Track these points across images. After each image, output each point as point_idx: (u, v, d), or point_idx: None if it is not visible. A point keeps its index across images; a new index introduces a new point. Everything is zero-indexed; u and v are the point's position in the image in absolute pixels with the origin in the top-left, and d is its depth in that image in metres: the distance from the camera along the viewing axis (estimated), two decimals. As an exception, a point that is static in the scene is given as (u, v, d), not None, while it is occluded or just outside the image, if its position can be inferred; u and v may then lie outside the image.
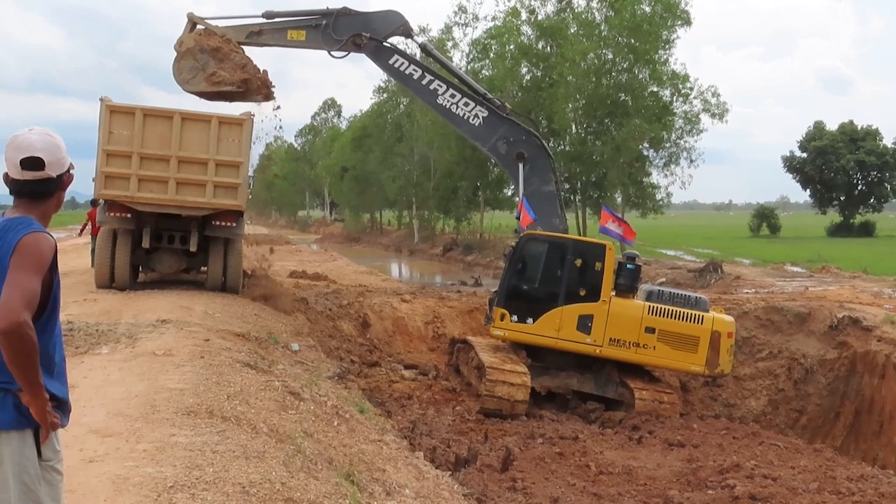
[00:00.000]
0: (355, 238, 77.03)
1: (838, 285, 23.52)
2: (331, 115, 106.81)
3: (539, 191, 15.70)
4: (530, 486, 9.84)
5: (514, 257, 15.09)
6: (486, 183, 53.47)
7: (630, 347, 14.53)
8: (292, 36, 16.36)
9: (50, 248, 3.33)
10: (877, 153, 71.81)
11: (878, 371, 16.31)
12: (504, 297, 14.98)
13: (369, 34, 16.09)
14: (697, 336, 14.51)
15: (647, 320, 14.51)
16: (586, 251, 14.98)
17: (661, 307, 14.69)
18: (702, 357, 14.53)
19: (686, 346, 14.54)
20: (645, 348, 14.51)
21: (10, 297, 3.16)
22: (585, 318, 14.60)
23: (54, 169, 3.39)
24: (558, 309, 14.68)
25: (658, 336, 14.50)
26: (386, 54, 16.35)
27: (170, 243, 15.72)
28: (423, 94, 16.44)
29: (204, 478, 5.11)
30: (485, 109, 15.91)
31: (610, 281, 14.69)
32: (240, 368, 8.91)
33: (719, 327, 14.61)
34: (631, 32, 36.18)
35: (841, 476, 10.68)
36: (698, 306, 14.85)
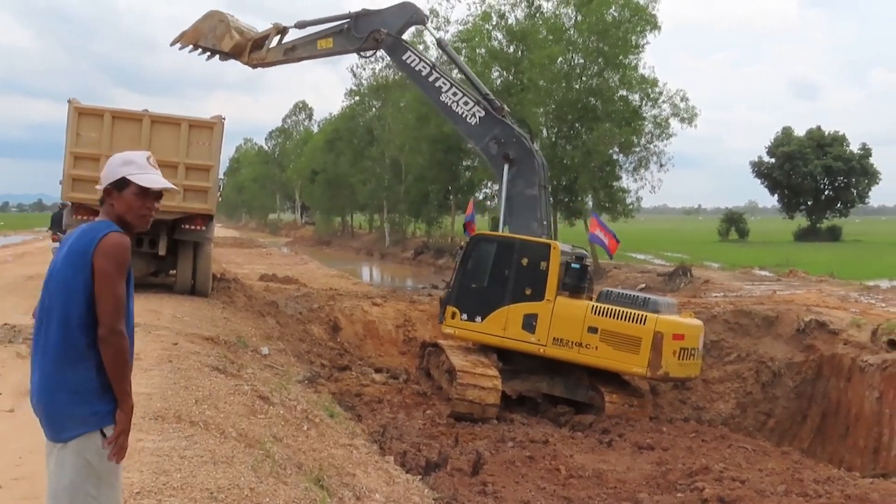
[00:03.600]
0: (326, 241, 76.81)
1: (805, 289, 23.77)
2: (302, 118, 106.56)
3: (522, 193, 15.78)
4: (501, 490, 9.84)
5: (464, 257, 15.47)
6: (457, 186, 53.54)
7: (573, 347, 14.40)
8: (321, 45, 17.33)
9: (127, 248, 3.53)
10: (843, 159, 72.71)
11: (844, 374, 16.49)
12: (455, 296, 15.32)
13: (386, 30, 16.75)
14: (639, 337, 14.04)
15: (589, 320, 14.29)
16: (532, 251, 15.04)
17: (605, 307, 14.45)
18: (643, 358, 14.01)
19: (628, 347, 14.12)
20: (587, 348, 14.29)
21: (106, 306, 3.42)
22: (530, 317, 14.68)
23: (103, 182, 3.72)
24: (505, 308, 14.83)
25: (601, 336, 14.21)
26: (400, 50, 17.02)
27: (138, 247, 15.57)
28: (428, 90, 16.84)
29: (171, 483, 5.06)
30: (482, 109, 16.08)
31: (555, 280, 14.67)
32: (208, 372, 8.85)
33: (663, 328, 14.06)
34: (600, 37, 36.38)
35: (808, 478, 10.78)
36: (646, 307, 14.43)
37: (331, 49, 17.37)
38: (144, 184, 3.68)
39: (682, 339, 14.23)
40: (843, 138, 74.98)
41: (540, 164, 15.81)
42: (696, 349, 14.71)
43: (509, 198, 15.89)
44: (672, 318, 14.64)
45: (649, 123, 37.82)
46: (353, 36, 16.98)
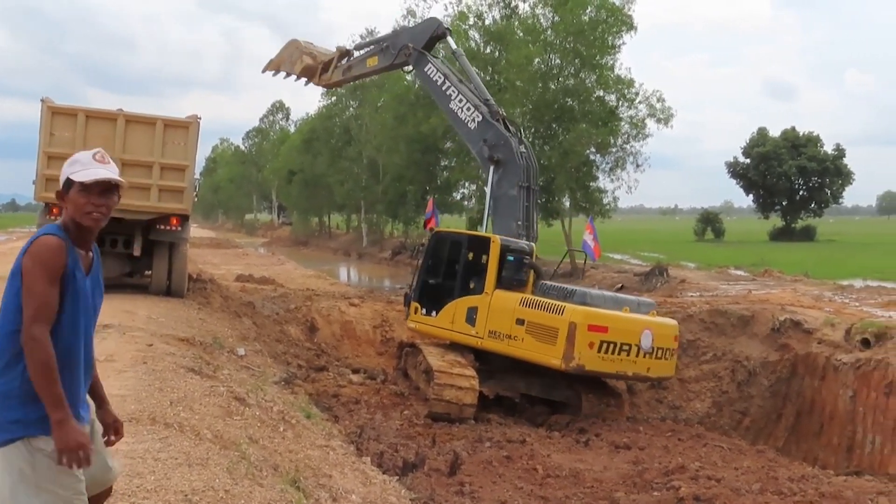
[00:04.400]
0: (303, 241, 76.63)
1: (780, 289, 23.96)
2: (279, 118, 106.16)
3: (505, 194, 16.02)
4: (478, 490, 9.84)
5: (425, 254, 16.17)
6: (434, 187, 53.54)
7: (504, 339, 14.43)
8: (369, 63, 19.06)
9: (55, 249, 3.39)
10: (818, 159, 73.40)
11: (818, 373, 16.61)
12: (416, 292, 15.96)
13: (413, 44, 17.88)
14: (556, 328, 13.72)
15: (518, 312, 14.26)
16: (477, 245, 15.37)
17: (531, 299, 14.36)
18: (559, 349, 13.67)
19: (547, 338, 13.83)
20: (515, 340, 14.25)
21: (27, 310, 3.30)
22: (472, 310, 14.90)
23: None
24: (454, 302, 15.17)
25: (526, 328, 14.10)
26: (423, 63, 17.83)
27: (113, 247, 15.45)
28: (440, 98, 17.49)
29: (145, 486, 5.02)
30: (480, 115, 16.54)
31: (493, 274, 14.79)
32: (184, 374, 8.79)
33: (577, 319, 13.58)
34: (576, 37, 36.51)
35: (783, 476, 10.85)
36: (570, 298, 14.09)
37: (376, 66, 18.98)
38: (82, 179, 3.51)
39: (605, 332, 13.67)
40: (817, 139, 75.69)
41: (523, 165, 15.85)
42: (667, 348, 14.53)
43: (494, 199, 16.30)
44: (593, 309, 13.93)
45: (626, 124, 38.03)
46: (390, 52, 18.34)
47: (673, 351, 14.79)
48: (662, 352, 14.43)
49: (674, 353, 14.88)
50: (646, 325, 14.20)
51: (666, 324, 14.94)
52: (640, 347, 13.96)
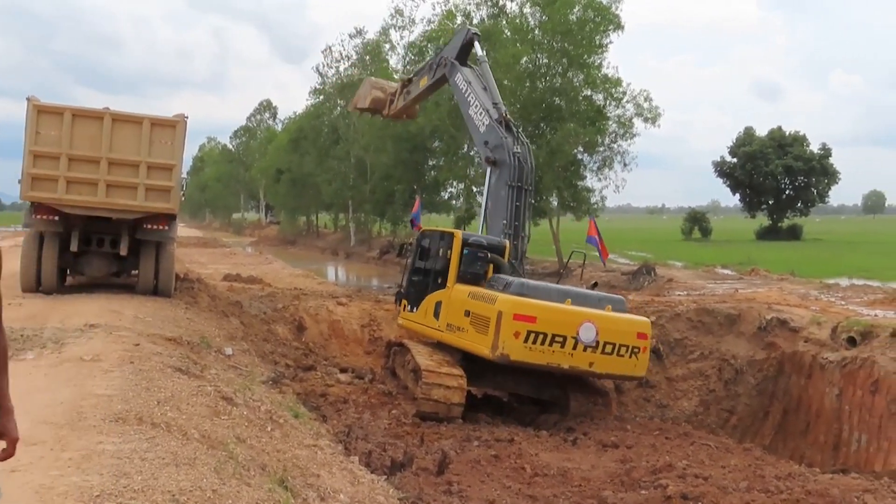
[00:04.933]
0: (291, 241, 76.47)
1: (767, 287, 24.06)
2: (266, 117, 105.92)
3: (497, 194, 16.17)
4: (466, 489, 9.84)
5: (412, 252, 16.55)
6: (422, 186, 53.53)
7: (455, 331, 14.54)
8: (422, 83, 19.98)
9: None
10: (804, 159, 73.76)
11: (805, 371, 16.69)
12: (404, 290, 16.50)
13: (447, 55, 18.76)
14: (489, 317, 13.65)
15: (465, 304, 14.35)
16: (445, 241, 15.57)
17: (476, 290, 14.37)
18: (489, 339, 13.56)
19: (483, 328, 13.78)
20: (462, 331, 14.33)
21: None
22: (437, 304, 15.11)
23: None
24: (428, 297, 15.44)
25: (470, 319, 14.12)
26: (454, 72, 18.29)
27: (99, 247, 15.40)
28: (462, 104, 17.99)
29: (132, 486, 5.00)
30: (488, 118, 16.77)
31: (455, 268, 14.91)
32: (171, 373, 8.76)
33: (504, 307, 13.45)
34: (564, 37, 36.55)
35: (769, 475, 10.90)
36: (509, 289, 13.97)
37: (427, 84, 19.70)
38: None
39: (532, 322, 13.39)
40: (803, 139, 76.08)
41: (515, 165, 15.87)
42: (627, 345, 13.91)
43: (488, 199, 16.65)
44: (521, 298, 13.66)
45: (613, 123, 38.12)
46: (435, 68, 19.29)
47: (638, 349, 14.07)
48: (614, 347, 13.78)
49: (640, 352, 14.14)
50: (586, 318, 13.63)
51: (624, 319, 14.26)
52: (578, 340, 13.53)
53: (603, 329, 13.68)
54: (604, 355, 13.71)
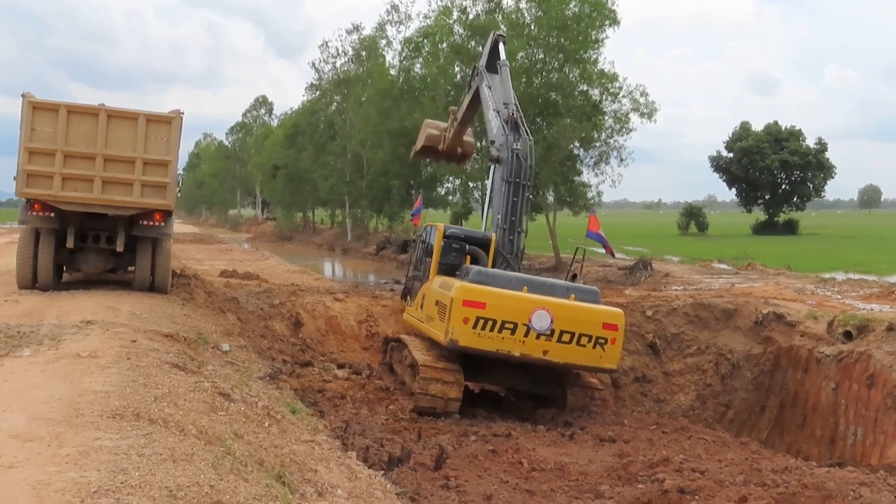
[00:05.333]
0: (287, 237, 76.48)
1: (763, 282, 24.09)
2: (262, 113, 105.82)
3: (499, 189, 16.16)
4: (463, 484, 9.85)
5: (414, 248, 17.09)
6: (419, 181, 53.51)
7: (427, 321, 14.87)
8: (462, 101, 20.22)
9: None
10: (800, 153, 73.86)
11: (801, 365, 16.73)
12: (408, 286, 17.07)
13: (480, 65, 18.77)
14: (446, 304, 13.79)
15: (435, 293, 14.60)
16: (432, 234, 15.95)
17: (444, 280, 14.58)
18: (444, 325, 13.72)
19: (442, 315, 13.93)
20: (431, 321, 14.58)
21: None
22: (423, 296, 15.52)
23: None
24: (419, 290, 15.98)
25: (437, 308, 14.27)
26: (482, 79, 18.25)
27: (95, 243, 15.36)
28: (485, 109, 17.87)
29: (129, 482, 4.99)
30: (499, 118, 16.89)
31: (435, 260, 15.24)
32: (168, 370, 8.75)
33: (456, 294, 13.52)
34: (560, 32, 36.54)
35: (766, 468, 10.92)
36: (467, 276, 14.10)
37: (466, 101, 19.44)
38: None
39: (482, 308, 13.43)
40: (799, 133, 76.17)
41: (513, 161, 15.80)
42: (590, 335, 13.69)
43: (491, 195, 16.86)
44: (472, 285, 13.74)
45: (609, 118, 38.12)
46: (469, 82, 19.56)
47: (605, 340, 13.73)
48: (573, 336, 13.58)
49: (609, 343, 13.76)
50: (539, 306, 13.51)
51: (586, 308, 13.88)
52: (530, 328, 13.46)
53: (559, 317, 13.53)
54: (560, 344, 13.54)
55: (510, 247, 15.39)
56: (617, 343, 13.87)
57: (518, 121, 16.45)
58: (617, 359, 14.08)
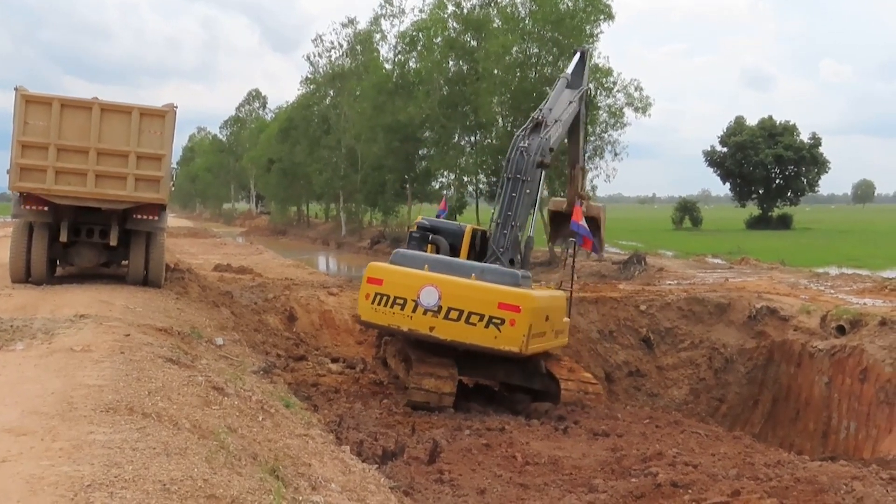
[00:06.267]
0: (282, 231, 76.38)
1: (757, 276, 24.14)
2: (256, 107, 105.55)
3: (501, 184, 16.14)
4: (457, 478, 9.87)
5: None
6: (413, 176, 53.47)
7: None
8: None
9: None
10: (794, 148, 73.94)
11: (794, 359, 16.79)
12: None
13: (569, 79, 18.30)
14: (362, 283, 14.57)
15: None
16: None
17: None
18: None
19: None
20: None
21: None
22: None
23: None
24: None
25: None
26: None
27: (89, 237, 15.33)
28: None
29: (123, 476, 4.99)
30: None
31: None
32: (162, 364, 8.74)
33: (365, 273, 14.45)
34: (554, 26, 36.53)
35: (759, 462, 10.96)
36: (395, 260, 14.54)
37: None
38: None
39: (379, 284, 13.93)
40: (793, 128, 76.22)
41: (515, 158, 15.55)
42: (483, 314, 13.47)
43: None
44: (377, 263, 14.44)
45: (604, 113, 38.10)
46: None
47: (501, 320, 13.37)
48: (461, 314, 13.47)
49: (505, 324, 13.38)
50: (429, 282, 13.62)
51: (479, 287, 13.61)
52: (417, 303, 13.58)
53: (447, 294, 13.52)
54: (447, 321, 13.50)
55: (502, 240, 15.32)
56: (518, 325, 13.34)
57: (543, 122, 16.16)
58: (518, 341, 13.39)
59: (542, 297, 14.22)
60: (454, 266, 14.13)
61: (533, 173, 15.29)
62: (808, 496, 9.07)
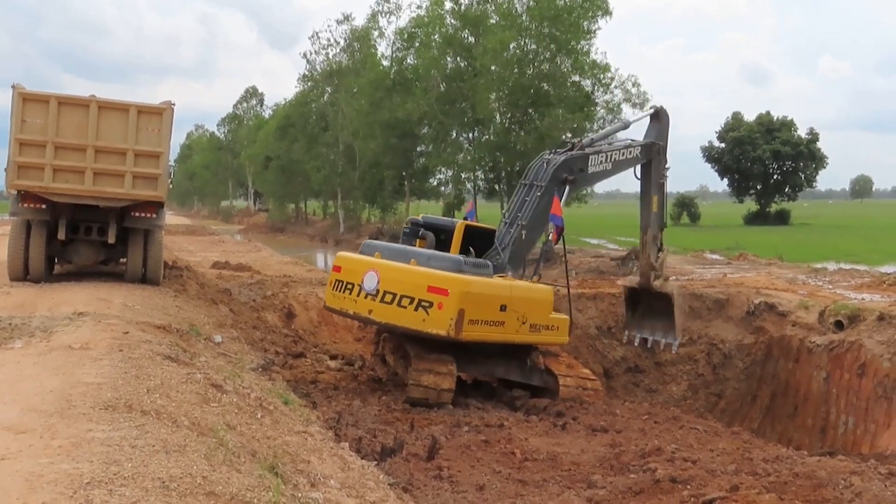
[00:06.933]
0: (280, 228, 76.33)
1: (755, 272, 24.16)
2: (253, 104, 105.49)
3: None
4: (456, 474, 9.88)
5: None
6: (411, 172, 53.46)
7: None
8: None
9: None
10: (792, 143, 73.96)
11: (792, 355, 16.80)
12: None
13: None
14: None
15: None
16: None
17: None
18: None
19: None
20: None
21: None
22: None
23: None
24: None
25: None
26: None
27: (87, 235, 15.32)
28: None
29: (122, 473, 4.99)
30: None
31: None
32: (160, 361, 8.74)
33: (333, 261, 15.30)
34: (552, 22, 36.54)
35: (757, 457, 10.97)
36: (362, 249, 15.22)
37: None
38: None
39: (338, 271, 14.82)
40: (791, 123, 76.25)
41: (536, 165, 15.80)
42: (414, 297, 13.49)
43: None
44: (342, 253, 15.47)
45: (601, 109, 38.18)
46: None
47: (429, 303, 13.38)
48: (394, 297, 13.62)
49: (432, 307, 13.36)
50: (370, 267, 14.15)
51: (412, 270, 13.76)
52: (361, 288, 14.05)
53: (384, 278, 13.85)
54: (383, 304, 13.80)
55: (506, 238, 15.31)
56: (446, 309, 13.23)
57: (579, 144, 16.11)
58: (445, 325, 13.23)
59: (485, 283, 13.78)
60: (404, 253, 14.40)
61: (549, 183, 15.20)
62: (807, 491, 9.09)
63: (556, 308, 15.11)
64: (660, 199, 17.42)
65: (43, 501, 4.53)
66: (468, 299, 13.31)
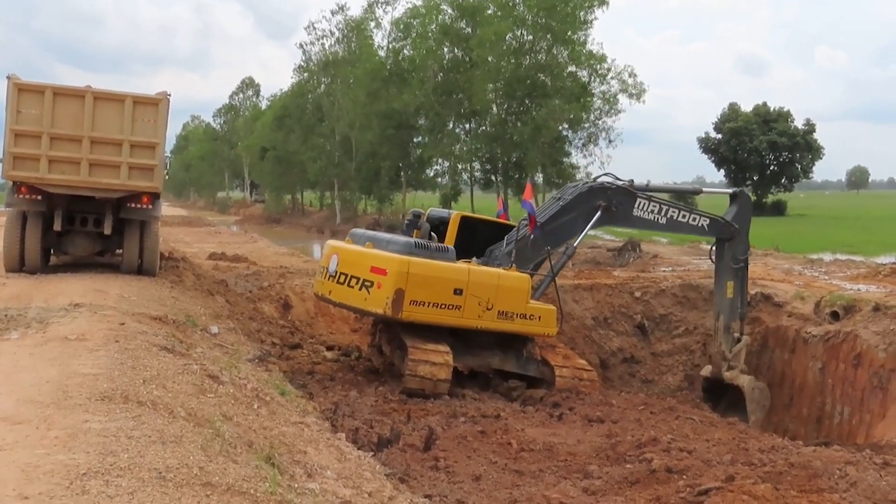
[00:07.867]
0: (276, 219, 76.25)
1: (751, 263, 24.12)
2: (249, 95, 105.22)
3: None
4: (453, 465, 9.89)
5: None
6: (408, 163, 53.42)
7: None
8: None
9: None
10: (788, 134, 73.94)
11: (788, 345, 16.83)
12: None
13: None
14: None
15: None
16: None
17: None
18: None
19: None
20: None
21: None
22: None
23: None
24: None
25: None
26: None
27: (83, 226, 15.29)
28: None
29: (118, 464, 5.00)
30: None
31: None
32: (157, 352, 8.74)
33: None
34: (548, 13, 36.48)
35: (753, 448, 11.01)
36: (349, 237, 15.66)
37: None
38: None
39: (323, 259, 15.52)
40: (787, 114, 76.23)
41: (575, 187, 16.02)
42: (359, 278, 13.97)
43: None
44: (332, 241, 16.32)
45: (598, 99, 38.16)
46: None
47: (371, 283, 13.73)
48: (346, 278, 14.23)
49: (373, 287, 13.70)
50: (335, 251, 15.08)
51: (361, 253, 14.27)
52: (327, 270, 14.90)
53: (341, 261, 14.65)
54: (339, 285, 14.52)
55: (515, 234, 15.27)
56: (384, 288, 13.60)
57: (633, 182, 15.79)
58: (382, 304, 13.59)
59: (431, 266, 13.84)
60: (372, 238, 14.98)
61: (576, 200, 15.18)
62: (802, 481, 9.12)
63: (551, 300, 15.13)
64: (737, 285, 16.28)
65: (39, 492, 4.53)
66: (408, 280, 13.62)
